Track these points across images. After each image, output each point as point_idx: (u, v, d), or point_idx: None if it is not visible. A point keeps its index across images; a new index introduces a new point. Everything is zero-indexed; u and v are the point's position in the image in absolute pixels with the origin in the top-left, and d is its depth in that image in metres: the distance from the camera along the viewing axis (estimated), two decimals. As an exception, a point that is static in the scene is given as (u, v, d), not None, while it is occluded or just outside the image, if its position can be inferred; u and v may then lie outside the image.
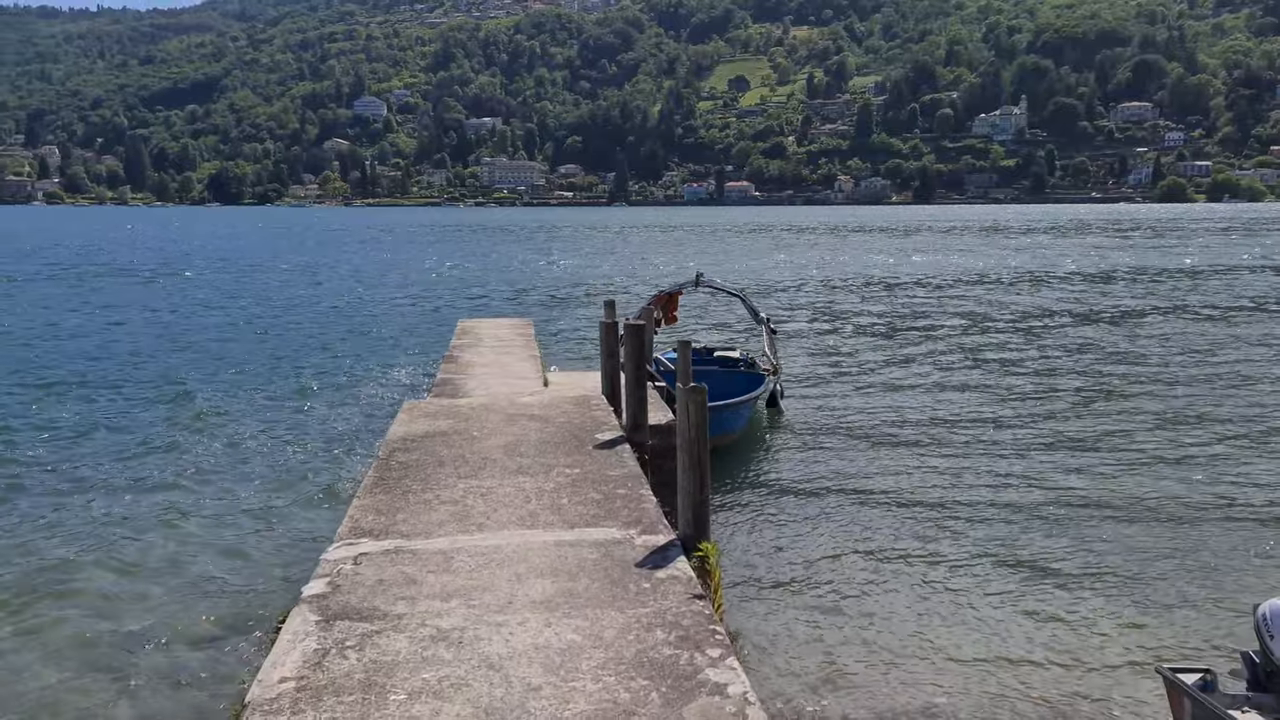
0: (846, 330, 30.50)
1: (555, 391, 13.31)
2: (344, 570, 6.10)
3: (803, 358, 24.77)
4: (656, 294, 19.36)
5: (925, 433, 16.93)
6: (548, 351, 22.00)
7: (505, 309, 35.99)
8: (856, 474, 14.40)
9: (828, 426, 17.47)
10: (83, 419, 17.80)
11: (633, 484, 8.02)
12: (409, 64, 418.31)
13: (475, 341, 18.82)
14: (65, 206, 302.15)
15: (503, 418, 10.56)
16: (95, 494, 13.29)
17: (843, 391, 20.62)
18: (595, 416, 10.61)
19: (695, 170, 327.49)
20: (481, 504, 7.50)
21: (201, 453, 15.48)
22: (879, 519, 12.22)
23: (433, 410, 11.07)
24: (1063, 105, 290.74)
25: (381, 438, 10.07)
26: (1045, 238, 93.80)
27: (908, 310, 35.95)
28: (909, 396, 20.05)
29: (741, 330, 29.77)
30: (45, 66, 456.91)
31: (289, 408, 18.84)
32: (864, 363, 24.23)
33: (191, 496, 13.13)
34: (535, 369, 15.43)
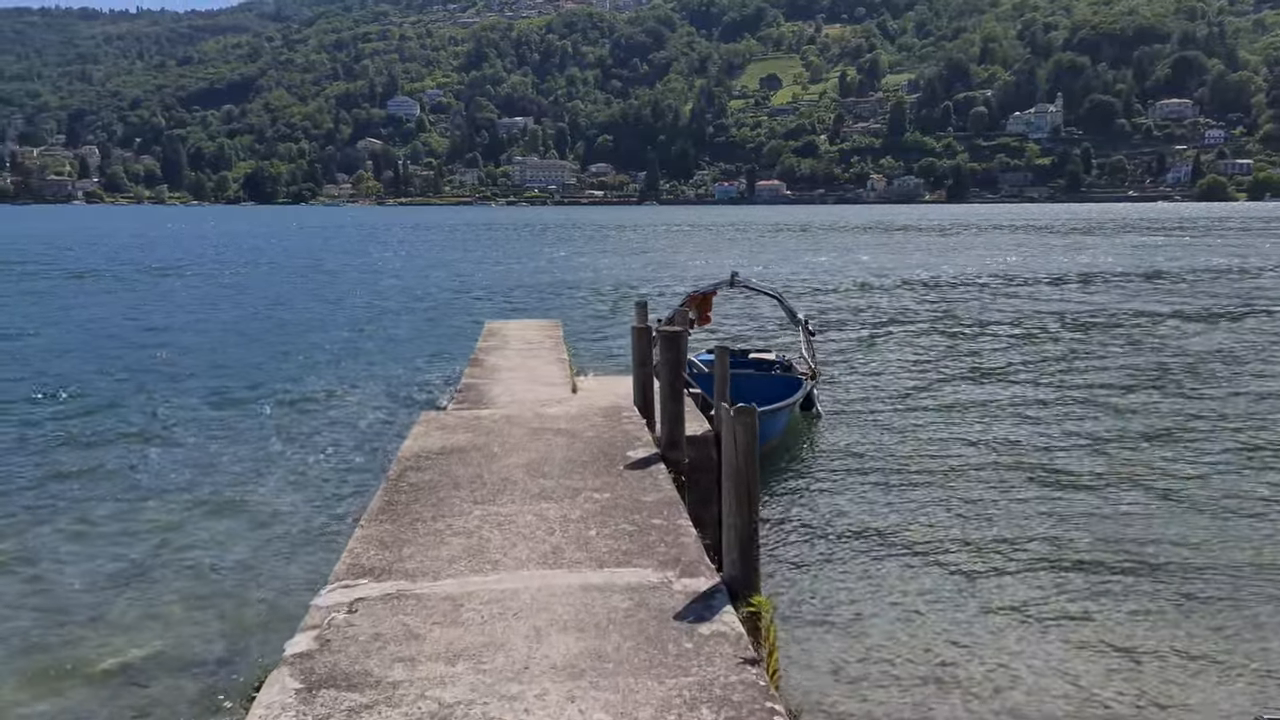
0: (887, 332, 29.33)
1: (584, 399, 12.62)
2: (336, 621, 5.29)
3: (842, 360, 23.78)
4: (690, 294, 18.59)
5: (973, 438, 16.06)
6: (577, 354, 21.18)
7: (534, 309, 35.18)
8: (905, 487, 13.41)
9: (869, 433, 16.60)
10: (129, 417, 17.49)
11: (669, 512, 7.17)
12: (442, 64, 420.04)
13: (502, 344, 18.25)
14: (104, 206, 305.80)
15: (527, 432, 9.80)
16: (66, 502, 12.50)
17: (884, 395, 19.67)
18: (627, 431, 9.84)
19: (726, 169, 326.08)
20: (498, 536, 6.68)
21: (199, 464, 14.43)
22: (939, 545, 11.15)
23: (451, 423, 10.33)
24: (1100, 103, 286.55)
25: (396, 451, 9.29)
26: (1090, 237, 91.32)
27: (951, 311, 34.70)
28: (954, 401, 19.13)
29: (776, 329, 28.62)
30: (86, 67, 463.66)
31: (303, 416, 17.94)
32: (906, 365, 23.22)
33: (179, 518, 12.02)
34: (563, 373, 14.79)
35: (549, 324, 22.65)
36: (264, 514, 12.26)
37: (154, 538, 11.37)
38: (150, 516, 12.12)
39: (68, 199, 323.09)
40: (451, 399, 13.03)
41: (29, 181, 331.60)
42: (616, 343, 26.39)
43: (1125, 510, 12.34)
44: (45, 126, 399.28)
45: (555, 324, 22.53)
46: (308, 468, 14.38)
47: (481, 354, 17.03)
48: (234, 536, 11.45)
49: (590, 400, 12.55)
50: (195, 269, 56.78)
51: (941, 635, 8.81)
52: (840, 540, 11.41)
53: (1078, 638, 8.71)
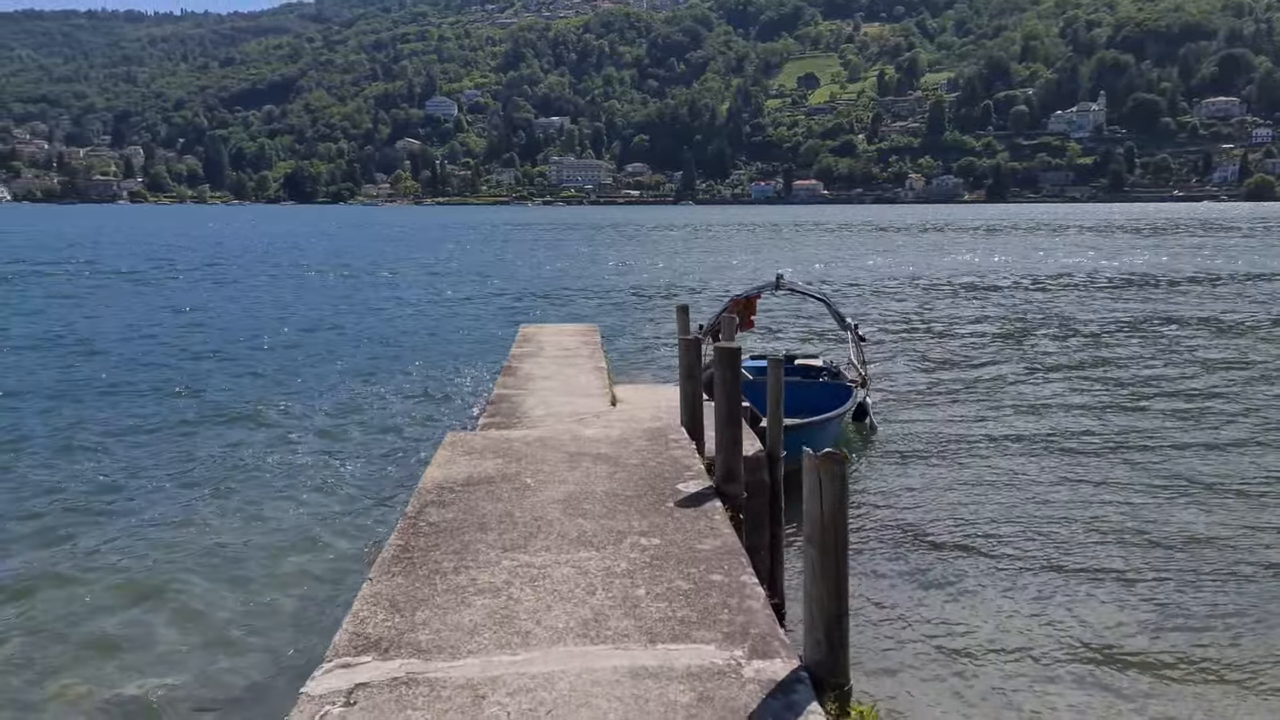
0: (940, 336, 28.13)
1: (625, 412, 11.83)
2: (329, 717, 4.34)
3: (892, 366, 22.72)
4: (733, 298, 17.80)
5: (1045, 451, 15.08)
6: (615, 361, 20.53)
7: (570, 311, 34.38)
8: (977, 508, 12.46)
9: (925, 444, 15.59)
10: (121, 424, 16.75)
11: (730, 565, 6.15)
12: (480, 64, 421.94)
13: (537, 350, 17.56)
14: (148, 205, 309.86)
15: (563, 457, 8.89)
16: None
17: (941, 404, 18.66)
18: (675, 457, 8.88)
19: (763, 169, 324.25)
20: (530, 595, 5.66)
21: (203, 497, 12.86)
22: (1024, 587, 9.99)
23: (479, 445, 9.38)
24: (1143, 101, 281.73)
25: (418, 480, 8.28)
26: (1141, 238, 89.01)
27: (1007, 313, 33.42)
28: (1019, 409, 18.27)
29: (821, 334, 27.66)
30: (131, 69, 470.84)
31: (321, 435, 16.64)
32: (963, 371, 22.21)
33: (162, 572, 10.26)
34: (602, 383, 14.05)
35: (586, 328, 21.90)
36: (268, 552, 10.93)
37: (130, 594, 9.76)
38: (139, 555, 10.75)
39: (113, 199, 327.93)
40: (483, 411, 12.26)
41: (75, 181, 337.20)
42: (657, 349, 25.51)
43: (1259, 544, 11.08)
44: (91, 127, 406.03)
45: (592, 328, 21.81)
46: (322, 496, 13.05)
47: (515, 361, 16.37)
48: (228, 582, 10.08)
49: (631, 414, 11.73)
50: (249, 269, 56.45)
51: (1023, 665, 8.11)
52: (910, 580, 10.32)
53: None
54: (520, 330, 21.03)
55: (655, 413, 11.87)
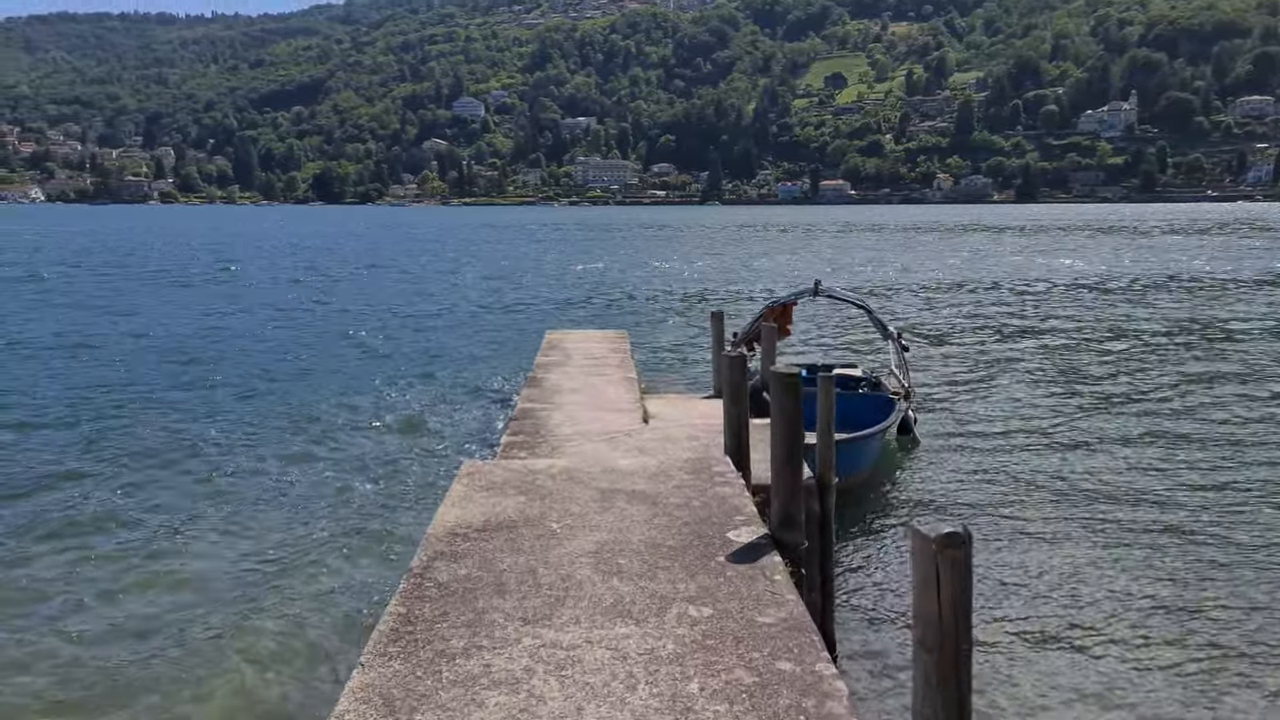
0: (984, 343, 26.86)
1: (659, 431, 11.11)
2: None
3: (936, 377, 21.64)
4: (768, 304, 16.96)
5: (1096, 465, 14.29)
6: (644, 367, 19.78)
7: (597, 316, 33.48)
8: (1033, 529, 11.63)
9: (977, 461, 14.65)
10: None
11: (802, 647, 5.06)
12: (506, 65, 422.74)
13: (563, 359, 17.02)
14: (179, 205, 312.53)
15: (594, 495, 7.96)
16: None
17: (988, 416, 17.72)
18: (722, 495, 7.91)
19: (790, 169, 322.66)
20: (557, 690, 4.63)
21: (146, 546, 10.93)
22: (1098, 621, 9.18)
23: (499, 479, 8.44)
24: (1176, 100, 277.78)
25: (429, 516, 7.47)
26: (1187, 237, 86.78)
27: (1055, 318, 32.14)
28: (1069, 418, 17.39)
29: (861, 341, 26.53)
30: (162, 71, 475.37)
31: (331, 455, 14.97)
32: (1010, 381, 21.13)
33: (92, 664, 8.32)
34: (633, 396, 13.42)
35: (614, 335, 21.22)
36: (248, 623, 9.03)
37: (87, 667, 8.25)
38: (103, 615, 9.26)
39: (144, 199, 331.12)
40: (505, 428, 11.55)
41: (108, 182, 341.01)
42: (686, 354, 24.74)
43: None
44: (124, 128, 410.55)
45: (621, 335, 21.14)
46: (317, 547, 10.96)
47: (540, 371, 15.76)
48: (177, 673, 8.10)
49: (666, 432, 11.02)
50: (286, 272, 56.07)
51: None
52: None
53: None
54: (546, 337, 20.45)
55: (691, 431, 11.19)
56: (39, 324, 31.30)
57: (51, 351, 25.63)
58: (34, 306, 36.47)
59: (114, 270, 55.56)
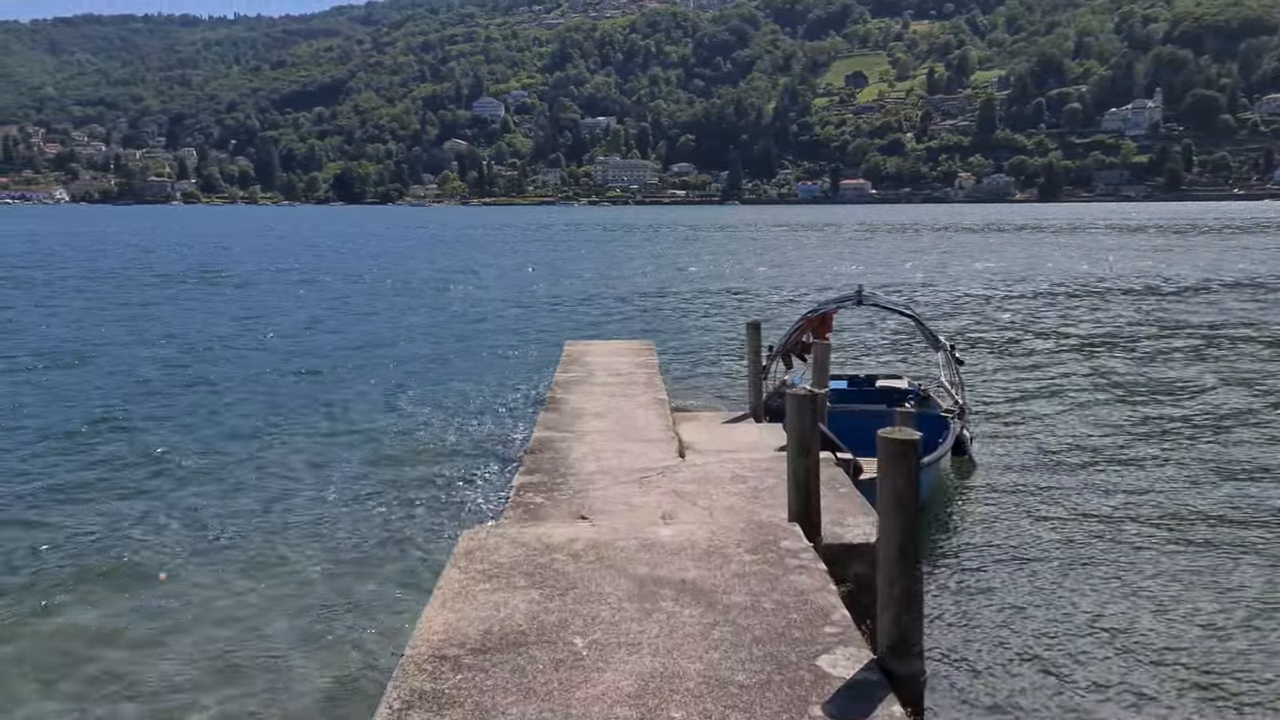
0: (1040, 352, 25.05)
1: (699, 469, 9.80)
2: None
3: (989, 389, 19.94)
4: (806, 314, 15.47)
5: (1180, 488, 13.09)
6: (671, 377, 18.74)
7: (619, 322, 31.90)
8: (1114, 563, 10.53)
9: (1042, 484, 13.38)
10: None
11: None
12: (526, 65, 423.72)
13: (585, 375, 15.78)
14: (200, 206, 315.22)
15: (630, 587, 6.27)
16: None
17: (1050, 434, 16.32)
18: (800, 588, 6.16)
19: (810, 168, 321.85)
20: None
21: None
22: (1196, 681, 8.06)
23: (505, 560, 6.75)
24: (1202, 98, 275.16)
25: (411, 619, 6.15)
26: (1229, 237, 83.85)
27: (1110, 324, 30.19)
28: (1142, 436, 16.12)
29: (905, 350, 25.14)
30: (185, 72, 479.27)
31: (307, 516, 12.18)
32: (1070, 395, 19.53)
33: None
34: (664, 421, 12.18)
35: (640, 346, 19.67)
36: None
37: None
38: None
39: (167, 199, 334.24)
40: (519, 463, 10.19)
41: (131, 183, 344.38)
42: (715, 363, 23.66)
43: None
44: (147, 129, 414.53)
45: (647, 346, 19.62)
46: (251, 666, 8.25)
47: (560, 390, 14.45)
48: None
49: (707, 472, 9.70)
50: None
51: None
52: (1029, 635, 8.80)
53: None
54: (565, 349, 19.04)
55: (736, 468, 9.79)
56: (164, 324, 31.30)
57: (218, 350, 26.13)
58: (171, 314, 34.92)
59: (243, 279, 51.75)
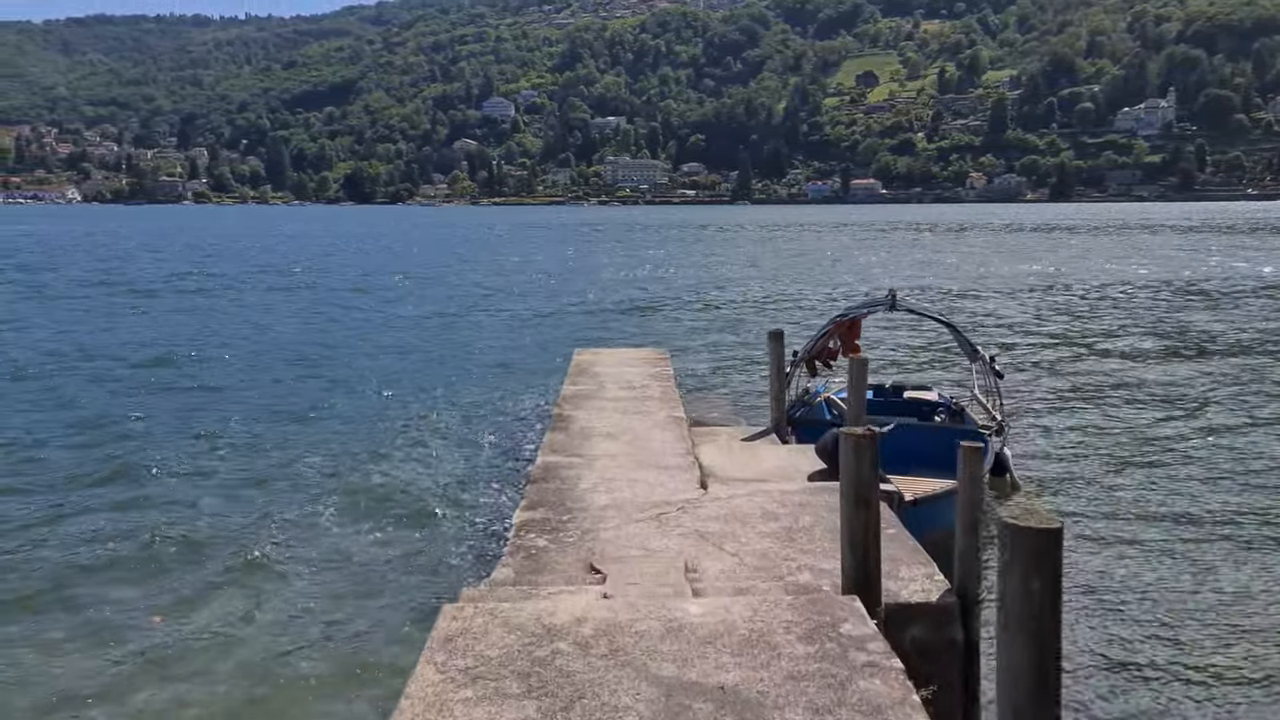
0: (1075, 358, 23.71)
1: (724, 505, 8.75)
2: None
3: (1027, 401, 18.63)
4: (834, 319, 14.25)
5: (1244, 509, 12.02)
6: (684, 385, 17.79)
7: (630, 327, 30.45)
8: (1171, 584, 9.78)
9: (1085, 508, 12.28)
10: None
11: None
12: (536, 65, 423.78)
13: (595, 389, 14.73)
14: (212, 205, 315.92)
15: (654, 695, 5.00)
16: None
17: (1092, 451, 15.07)
18: (873, 699, 4.87)
19: (820, 168, 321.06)
20: None
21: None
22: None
23: (495, 653, 5.50)
24: (1215, 97, 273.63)
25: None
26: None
27: (1158, 330, 28.80)
28: (1193, 456, 14.77)
29: (932, 358, 23.87)
30: (197, 72, 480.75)
31: (272, 564, 10.47)
32: (1116, 406, 18.24)
33: None
34: (682, 444, 11.14)
35: (653, 354, 18.66)
36: None
37: None
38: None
39: (178, 199, 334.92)
40: (520, 495, 9.17)
41: (143, 183, 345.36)
42: (730, 370, 22.47)
43: None
44: (159, 129, 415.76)
45: (661, 355, 18.57)
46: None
47: (568, 405, 13.42)
48: None
49: (732, 505, 8.65)
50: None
51: None
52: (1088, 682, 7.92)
53: None
54: (574, 358, 17.95)
55: (765, 502, 8.78)
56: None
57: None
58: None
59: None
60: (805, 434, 12.35)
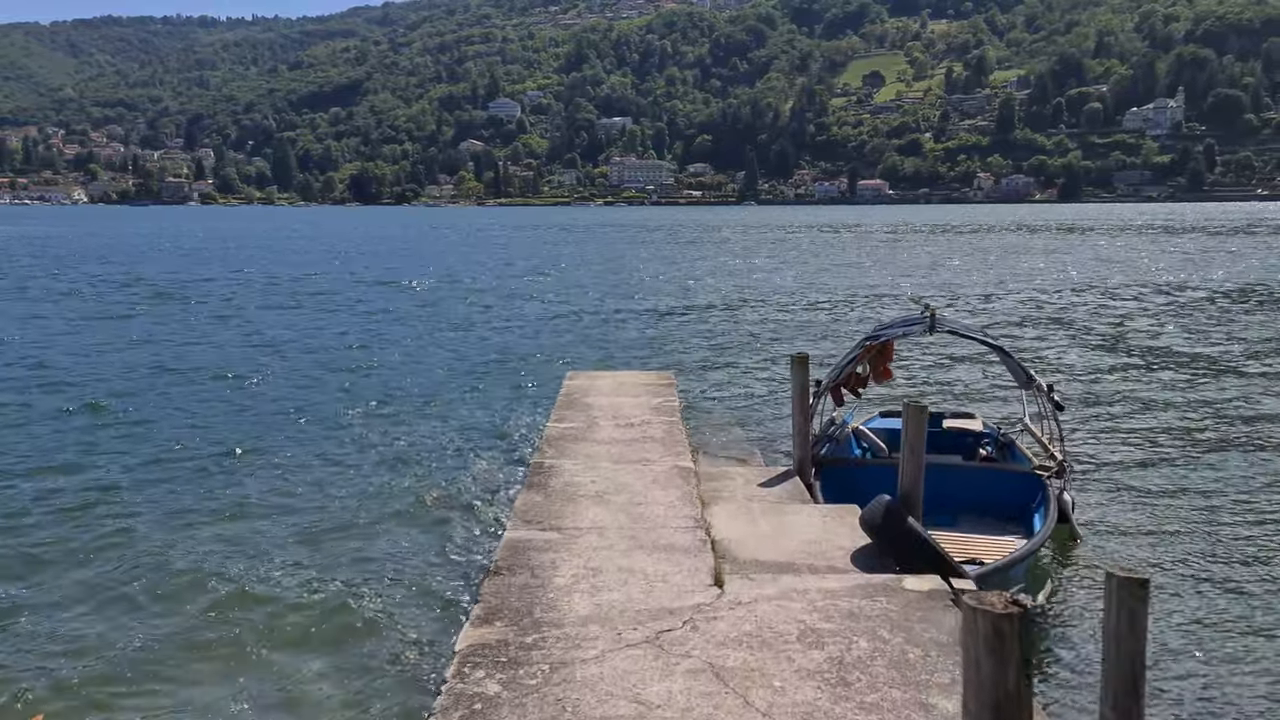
0: (1152, 382, 20.36)
1: (748, 611, 6.90)
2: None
3: (1081, 429, 15.78)
4: (865, 340, 12.34)
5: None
6: (692, 411, 15.86)
7: (631, 343, 26.87)
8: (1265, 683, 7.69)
9: (1164, 564, 10.12)
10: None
11: None
12: (543, 65, 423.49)
13: (585, 426, 12.76)
14: (218, 206, 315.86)
15: None
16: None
17: (1167, 492, 12.64)
18: None
19: (827, 169, 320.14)
20: None
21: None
22: None
23: None
24: (1225, 97, 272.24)
25: None
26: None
27: (1233, 342, 25.94)
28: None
29: (967, 377, 20.94)
30: (204, 73, 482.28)
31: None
32: (1191, 439, 15.49)
33: None
34: (690, 508, 9.22)
35: (656, 379, 16.60)
36: None
37: None
38: None
39: (184, 200, 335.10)
40: (475, 608, 7.09)
41: (149, 183, 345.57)
42: (743, 397, 19.14)
43: None
44: (165, 130, 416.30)
45: (665, 379, 16.55)
46: None
47: (551, 450, 11.44)
48: None
49: (762, 617, 6.74)
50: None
51: None
52: None
53: None
54: (565, 383, 15.97)
55: (802, 613, 6.83)
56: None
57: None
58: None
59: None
60: (833, 478, 10.92)
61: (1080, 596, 9.33)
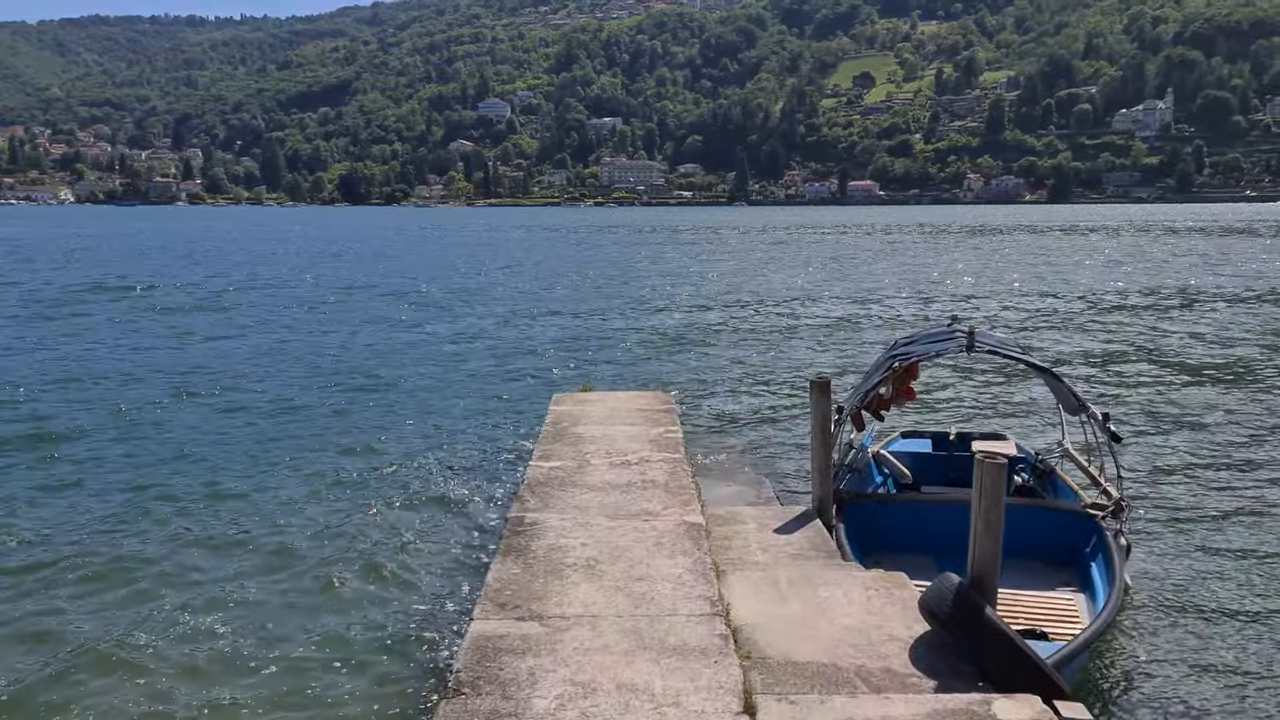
0: (1207, 406, 17.93)
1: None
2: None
3: (1132, 465, 13.37)
4: (890, 361, 11.18)
5: None
6: (694, 433, 14.60)
7: (625, 357, 24.35)
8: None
9: (1250, 630, 8.50)
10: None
11: None
12: (532, 65, 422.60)
13: (576, 464, 11.19)
14: (206, 206, 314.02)
15: None
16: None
17: (1235, 535, 11.02)
18: None
19: (817, 169, 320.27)
20: None
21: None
22: None
23: None
24: (1213, 99, 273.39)
25: None
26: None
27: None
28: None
29: (996, 394, 18.98)
30: (192, 73, 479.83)
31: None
32: (1255, 471, 13.52)
33: None
34: (702, 585, 7.56)
35: (654, 400, 14.83)
36: None
37: None
38: None
39: (171, 200, 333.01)
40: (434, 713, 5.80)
41: (137, 183, 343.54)
42: (756, 413, 17.31)
43: None
44: (153, 130, 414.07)
45: (664, 402, 14.77)
46: None
47: (532, 500, 9.80)
48: None
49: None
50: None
51: None
52: None
53: None
54: (552, 408, 14.23)
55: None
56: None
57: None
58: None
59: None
60: (857, 517, 9.67)
61: (1139, 665, 7.79)
